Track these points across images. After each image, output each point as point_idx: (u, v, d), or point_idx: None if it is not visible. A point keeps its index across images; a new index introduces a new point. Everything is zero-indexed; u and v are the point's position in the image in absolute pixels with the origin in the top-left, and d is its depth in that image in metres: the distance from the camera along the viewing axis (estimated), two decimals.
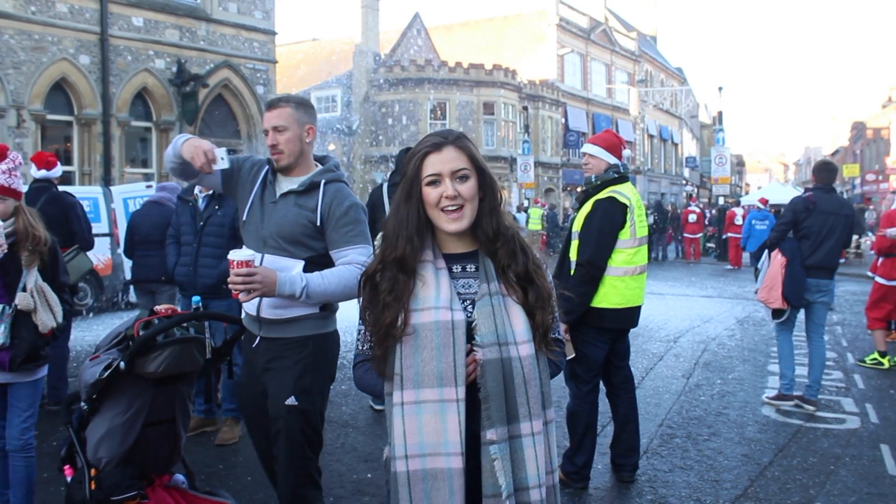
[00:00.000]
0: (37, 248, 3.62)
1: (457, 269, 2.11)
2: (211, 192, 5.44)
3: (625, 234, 4.65)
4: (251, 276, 2.93)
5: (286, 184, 3.31)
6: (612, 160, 4.77)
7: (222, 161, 3.16)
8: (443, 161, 2.05)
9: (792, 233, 6.58)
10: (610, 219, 4.62)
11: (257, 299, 3.13)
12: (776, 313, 6.58)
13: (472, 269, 2.11)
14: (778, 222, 6.76)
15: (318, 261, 3.21)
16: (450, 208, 2.03)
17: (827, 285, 6.60)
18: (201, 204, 5.56)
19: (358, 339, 2.17)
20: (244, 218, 3.32)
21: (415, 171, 2.07)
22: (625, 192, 4.69)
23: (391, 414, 2.02)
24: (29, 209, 3.74)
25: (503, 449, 1.96)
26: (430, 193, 2.05)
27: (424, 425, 1.97)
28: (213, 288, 5.32)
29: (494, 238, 2.08)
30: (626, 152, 4.95)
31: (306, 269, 3.17)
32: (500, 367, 1.98)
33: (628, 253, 4.67)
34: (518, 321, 2.04)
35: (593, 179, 4.79)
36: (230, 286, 2.98)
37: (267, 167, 3.35)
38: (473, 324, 2.01)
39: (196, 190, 5.58)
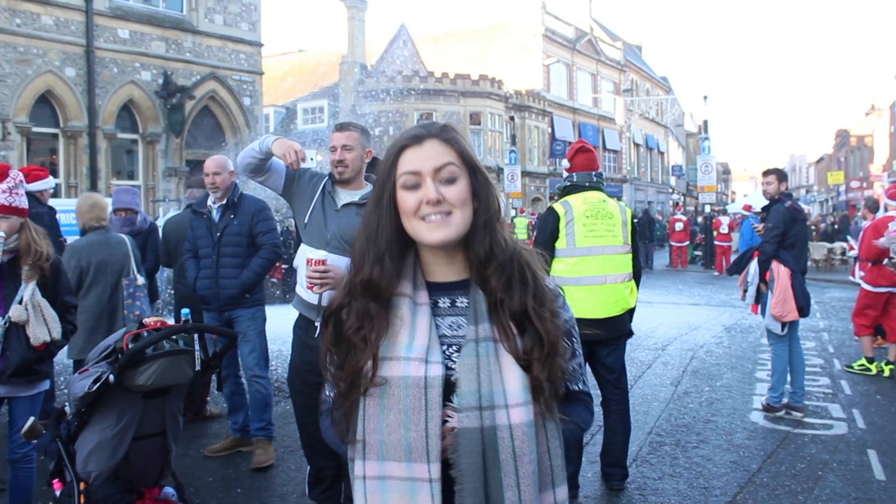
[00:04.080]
0: (37, 262, 3.66)
1: (444, 303, 1.62)
2: (225, 202, 5.39)
3: (560, 244, 4.65)
4: (326, 273, 3.38)
5: (345, 195, 3.85)
6: (565, 171, 4.96)
7: (310, 161, 3.51)
8: (423, 157, 1.55)
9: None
10: (542, 228, 4.77)
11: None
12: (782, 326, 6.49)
13: (465, 305, 1.60)
14: (770, 234, 6.51)
15: None
16: (432, 217, 1.53)
17: None
18: (216, 215, 5.42)
19: (326, 383, 1.70)
20: (306, 221, 3.83)
21: (388, 171, 1.59)
22: (569, 201, 4.73)
23: (353, 488, 1.58)
24: (34, 226, 3.78)
25: None
26: (407, 199, 1.55)
27: None
28: (235, 299, 5.28)
29: (486, 261, 1.57)
30: (584, 158, 4.91)
31: None
32: (479, 438, 1.49)
33: (567, 263, 4.63)
34: (512, 377, 1.53)
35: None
36: (307, 279, 3.43)
37: (326, 179, 3.87)
38: (454, 378, 1.53)
39: (210, 201, 5.46)
